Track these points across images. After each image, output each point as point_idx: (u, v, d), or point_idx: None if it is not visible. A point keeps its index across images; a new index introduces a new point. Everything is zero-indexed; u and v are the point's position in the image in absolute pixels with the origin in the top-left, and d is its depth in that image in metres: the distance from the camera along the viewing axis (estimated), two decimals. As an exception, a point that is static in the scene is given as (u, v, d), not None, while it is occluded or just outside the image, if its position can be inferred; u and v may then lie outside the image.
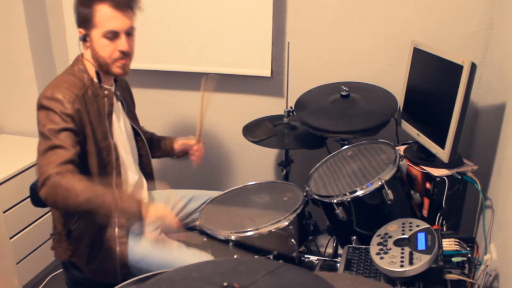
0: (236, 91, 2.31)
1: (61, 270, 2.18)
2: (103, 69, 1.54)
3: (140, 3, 1.55)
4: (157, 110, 2.43)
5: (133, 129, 1.74)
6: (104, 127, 1.54)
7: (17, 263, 2.16)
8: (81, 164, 1.46)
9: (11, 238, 2.12)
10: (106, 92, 1.56)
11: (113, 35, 1.48)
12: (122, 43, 1.49)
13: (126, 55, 1.52)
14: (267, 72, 2.15)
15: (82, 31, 1.50)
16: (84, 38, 1.51)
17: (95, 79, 1.54)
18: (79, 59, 1.56)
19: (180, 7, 2.15)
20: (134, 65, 1.61)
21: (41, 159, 1.39)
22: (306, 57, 2.13)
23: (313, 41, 2.11)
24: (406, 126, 1.80)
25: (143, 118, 1.87)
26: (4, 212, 2.08)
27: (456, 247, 1.29)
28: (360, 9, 2.01)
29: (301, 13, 2.09)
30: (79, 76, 1.52)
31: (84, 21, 1.48)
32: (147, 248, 1.59)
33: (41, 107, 1.44)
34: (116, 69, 1.53)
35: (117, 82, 1.68)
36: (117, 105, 1.64)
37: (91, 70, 1.54)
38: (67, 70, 1.55)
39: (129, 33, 1.52)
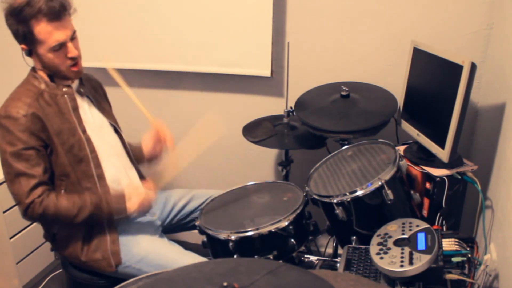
0: (236, 91, 2.31)
1: (61, 270, 2.18)
2: (58, 76, 1.54)
3: (73, 4, 1.51)
4: (157, 110, 2.43)
5: (112, 125, 1.72)
6: (71, 123, 1.54)
7: (17, 263, 2.16)
8: (54, 167, 1.52)
9: (11, 238, 2.12)
10: (64, 89, 1.56)
11: (60, 47, 1.47)
12: (71, 51, 1.49)
13: (77, 59, 1.52)
14: (267, 72, 2.15)
15: (25, 47, 1.48)
16: (30, 53, 1.49)
17: (50, 82, 1.55)
18: (33, 67, 1.56)
19: (180, 7, 2.15)
20: (134, 65, 1.61)
21: (11, 187, 1.47)
22: (306, 57, 2.13)
23: (313, 41, 2.11)
24: (406, 126, 1.80)
25: (141, 118, 1.87)
26: (4, 212, 2.08)
27: (456, 247, 1.29)
28: (360, 9, 2.01)
29: (301, 13, 2.09)
30: (33, 83, 1.53)
31: (24, 38, 1.45)
32: (145, 250, 1.59)
33: None
34: (71, 73, 1.54)
35: (82, 81, 1.67)
36: (82, 101, 1.62)
37: (43, 74, 1.55)
38: (23, 81, 1.56)
39: (73, 37, 1.51)
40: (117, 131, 1.73)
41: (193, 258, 1.60)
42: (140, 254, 1.58)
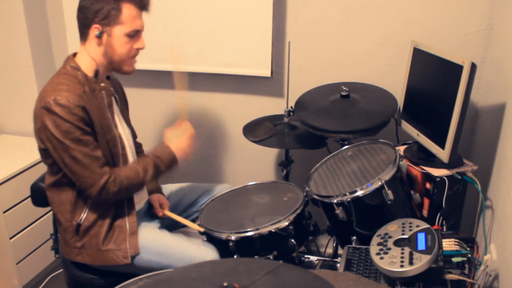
0: (236, 91, 2.31)
1: (61, 270, 2.18)
2: (114, 66, 1.55)
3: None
4: (157, 110, 2.43)
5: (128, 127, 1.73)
6: (107, 119, 1.54)
7: (17, 263, 2.16)
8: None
9: (11, 238, 2.12)
10: (102, 84, 1.55)
11: (135, 34, 1.52)
12: (142, 42, 1.56)
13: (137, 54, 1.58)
14: (267, 72, 2.15)
15: (100, 27, 1.48)
16: (100, 35, 1.49)
17: (89, 75, 1.53)
18: (70, 57, 1.55)
19: (180, 7, 2.15)
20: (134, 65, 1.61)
21: (80, 171, 1.47)
22: (306, 57, 2.13)
23: (313, 41, 2.11)
24: (406, 126, 1.80)
25: (143, 118, 1.87)
26: (4, 212, 2.08)
27: (456, 247, 1.29)
28: (360, 9, 2.01)
29: (301, 13, 2.09)
30: (73, 74, 1.51)
31: (106, 17, 1.46)
32: (145, 239, 1.59)
33: (48, 111, 1.42)
34: (128, 67, 1.57)
35: (109, 79, 1.67)
36: (113, 99, 1.64)
37: (85, 67, 1.53)
38: (60, 71, 1.54)
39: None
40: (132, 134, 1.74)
41: (201, 250, 1.58)
42: (139, 241, 1.58)
